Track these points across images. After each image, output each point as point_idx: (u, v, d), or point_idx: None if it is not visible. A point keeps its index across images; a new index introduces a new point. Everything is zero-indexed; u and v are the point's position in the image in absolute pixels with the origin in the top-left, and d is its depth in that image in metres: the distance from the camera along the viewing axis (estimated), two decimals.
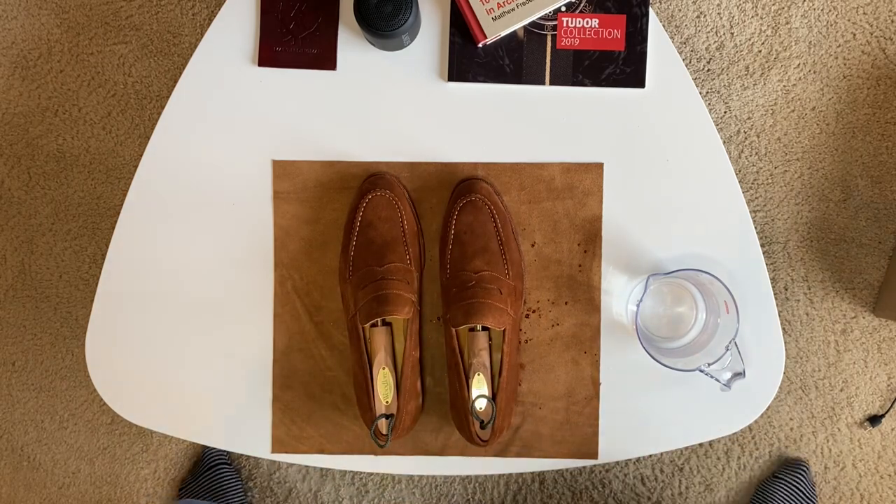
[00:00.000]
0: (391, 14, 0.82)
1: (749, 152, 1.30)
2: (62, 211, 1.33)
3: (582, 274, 0.91)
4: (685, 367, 0.84)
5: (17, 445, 1.36)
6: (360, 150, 0.91)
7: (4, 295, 1.34)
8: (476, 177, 0.90)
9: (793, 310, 1.31)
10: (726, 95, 1.30)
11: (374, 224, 0.87)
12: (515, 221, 0.91)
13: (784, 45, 1.29)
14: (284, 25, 0.90)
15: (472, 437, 0.85)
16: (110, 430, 1.35)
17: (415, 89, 0.91)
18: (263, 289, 0.92)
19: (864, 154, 1.30)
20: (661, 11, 1.30)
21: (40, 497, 1.36)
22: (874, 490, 1.32)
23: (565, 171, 0.91)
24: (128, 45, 1.31)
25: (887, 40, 1.29)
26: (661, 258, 0.91)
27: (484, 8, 0.88)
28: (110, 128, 1.32)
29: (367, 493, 1.32)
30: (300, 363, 0.92)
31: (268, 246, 0.92)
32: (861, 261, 1.31)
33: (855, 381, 1.31)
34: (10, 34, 1.32)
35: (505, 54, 0.90)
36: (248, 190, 0.91)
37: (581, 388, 0.92)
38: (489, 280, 0.85)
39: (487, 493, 1.32)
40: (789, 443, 1.32)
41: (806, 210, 1.30)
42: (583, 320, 0.91)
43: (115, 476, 1.36)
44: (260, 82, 0.91)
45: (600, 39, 0.90)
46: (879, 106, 1.29)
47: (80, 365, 1.34)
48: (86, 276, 1.34)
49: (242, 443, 0.92)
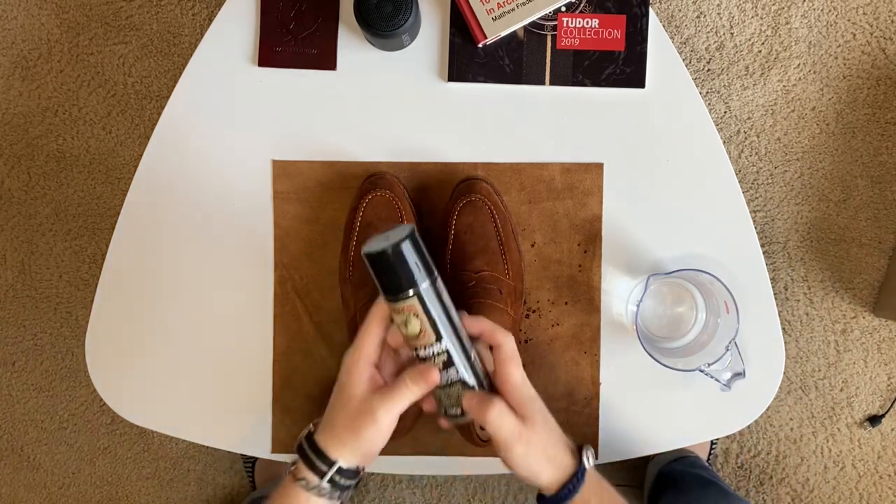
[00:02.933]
0: (391, 14, 0.82)
1: (749, 152, 1.30)
2: (62, 211, 1.33)
3: (582, 274, 0.91)
4: (685, 367, 0.84)
5: (17, 445, 1.36)
6: (360, 150, 0.91)
7: (4, 295, 1.34)
8: (476, 177, 0.90)
9: (793, 310, 1.31)
10: (726, 95, 1.30)
11: (375, 224, 0.87)
12: (515, 221, 0.91)
13: (784, 45, 1.29)
14: (284, 25, 0.90)
15: (472, 437, 0.85)
16: (110, 430, 1.35)
17: (415, 89, 0.91)
18: (263, 289, 0.92)
19: (864, 154, 1.30)
20: (661, 11, 1.30)
21: (40, 497, 1.36)
22: (874, 490, 1.32)
23: (565, 171, 0.91)
24: (128, 45, 1.31)
25: (887, 40, 1.29)
26: (661, 258, 0.91)
27: (484, 8, 0.88)
28: (110, 128, 1.32)
29: (367, 493, 1.32)
30: (300, 363, 0.92)
31: (268, 246, 0.92)
32: (861, 261, 1.31)
33: (855, 381, 1.31)
34: (10, 34, 1.32)
35: (505, 54, 0.90)
36: (248, 190, 0.91)
37: (581, 388, 0.92)
38: (489, 280, 0.85)
39: (487, 493, 1.32)
40: (789, 443, 1.32)
41: (806, 210, 1.30)
42: (583, 320, 0.91)
43: (115, 476, 1.36)
44: (260, 82, 0.91)
45: (600, 39, 0.90)
46: (879, 106, 1.29)
47: (80, 365, 1.34)
48: (86, 276, 1.34)
49: (242, 443, 0.92)
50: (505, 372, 0.69)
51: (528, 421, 0.68)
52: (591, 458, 0.72)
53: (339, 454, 0.67)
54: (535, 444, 0.68)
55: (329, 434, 0.68)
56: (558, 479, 0.70)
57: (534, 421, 0.69)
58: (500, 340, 0.69)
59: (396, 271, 0.64)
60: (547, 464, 0.70)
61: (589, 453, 0.72)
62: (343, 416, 0.67)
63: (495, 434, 0.68)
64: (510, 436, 0.67)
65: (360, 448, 0.67)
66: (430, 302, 0.66)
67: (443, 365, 0.67)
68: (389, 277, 0.64)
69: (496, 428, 0.67)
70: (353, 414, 0.67)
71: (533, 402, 0.70)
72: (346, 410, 0.67)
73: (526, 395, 0.69)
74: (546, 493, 0.71)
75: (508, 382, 0.69)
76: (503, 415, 0.67)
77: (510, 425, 0.67)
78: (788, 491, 1.32)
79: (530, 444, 0.68)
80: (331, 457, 0.67)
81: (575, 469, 0.70)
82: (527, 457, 0.69)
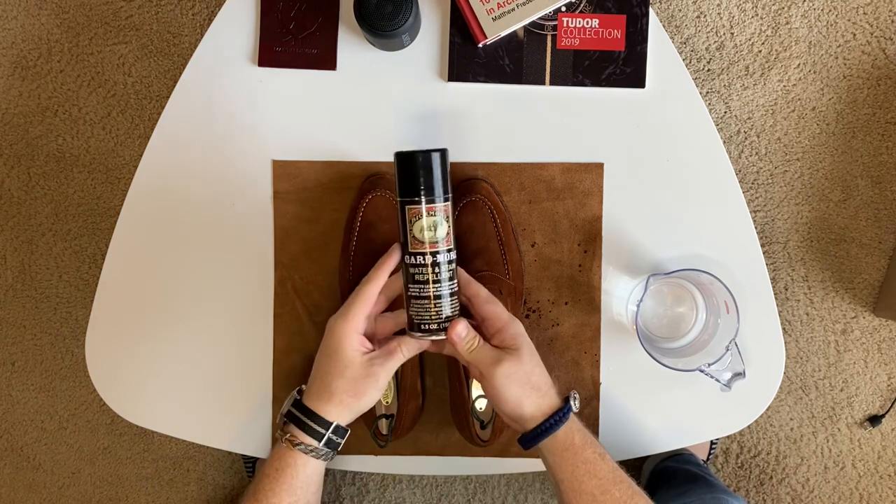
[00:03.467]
0: (391, 14, 0.82)
1: (749, 152, 1.30)
2: (62, 211, 1.33)
3: (582, 274, 0.91)
4: (685, 367, 0.84)
5: (18, 446, 1.36)
6: (360, 150, 0.91)
7: (4, 295, 1.34)
8: (476, 177, 0.90)
9: (793, 310, 1.31)
10: (726, 95, 1.30)
11: (375, 224, 0.87)
12: (515, 221, 0.91)
13: (784, 45, 1.29)
14: (284, 25, 0.90)
15: (472, 437, 0.85)
16: (110, 430, 1.35)
17: (415, 89, 0.91)
18: (263, 289, 0.92)
19: (865, 154, 1.30)
20: (661, 11, 1.30)
21: (41, 497, 1.36)
22: (874, 490, 1.32)
23: (565, 171, 0.91)
24: (128, 45, 1.31)
25: (887, 40, 1.29)
26: (661, 258, 0.91)
27: (484, 8, 0.88)
28: (110, 128, 1.32)
29: (367, 492, 1.32)
30: (300, 363, 0.92)
31: (268, 246, 0.91)
32: (861, 261, 1.31)
33: (855, 381, 1.31)
34: (10, 34, 1.32)
35: (505, 54, 0.90)
36: (248, 190, 0.91)
37: (581, 388, 0.92)
38: (489, 280, 0.85)
39: (488, 493, 1.32)
40: (789, 443, 1.32)
41: (806, 210, 1.30)
42: (583, 320, 0.91)
43: (115, 476, 1.36)
44: (260, 82, 0.91)
45: (600, 39, 0.90)
46: (879, 106, 1.29)
47: (80, 365, 1.34)
48: (86, 276, 1.34)
49: (242, 443, 0.92)
50: (485, 309, 0.74)
51: (510, 350, 0.72)
52: (578, 402, 0.75)
53: (338, 415, 0.73)
54: (518, 371, 0.72)
55: (326, 398, 0.73)
56: (543, 410, 0.72)
57: (519, 351, 0.72)
58: (475, 290, 0.76)
59: (445, 171, 0.72)
60: (532, 391, 0.72)
61: (575, 396, 0.74)
62: (343, 381, 0.72)
63: (473, 359, 0.72)
64: (489, 359, 0.72)
65: (360, 407, 0.74)
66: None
67: (450, 275, 0.73)
68: (441, 175, 0.72)
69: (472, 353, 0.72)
70: (355, 377, 0.72)
71: (518, 337, 0.73)
72: (346, 375, 0.72)
73: (510, 328, 0.74)
74: (529, 426, 0.72)
75: (490, 315, 0.74)
76: (478, 340, 0.73)
77: (487, 350, 0.73)
78: (788, 491, 1.32)
79: (512, 370, 0.71)
80: (328, 419, 0.73)
81: (561, 405, 0.73)
82: (509, 382, 0.71)
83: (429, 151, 0.71)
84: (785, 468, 1.32)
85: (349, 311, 0.73)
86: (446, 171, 0.72)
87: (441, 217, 0.72)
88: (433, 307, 0.73)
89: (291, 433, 0.73)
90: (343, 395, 0.73)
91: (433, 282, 0.73)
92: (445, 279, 0.73)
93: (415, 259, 0.72)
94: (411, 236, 0.72)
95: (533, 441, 0.73)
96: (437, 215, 0.72)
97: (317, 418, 0.73)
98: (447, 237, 0.73)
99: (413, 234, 0.72)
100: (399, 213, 0.73)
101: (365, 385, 0.73)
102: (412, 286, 0.73)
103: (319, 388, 0.73)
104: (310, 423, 0.73)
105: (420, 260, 0.72)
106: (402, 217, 0.73)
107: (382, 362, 0.73)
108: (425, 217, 0.72)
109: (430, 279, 0.73)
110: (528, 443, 0.73)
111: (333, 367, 0.73)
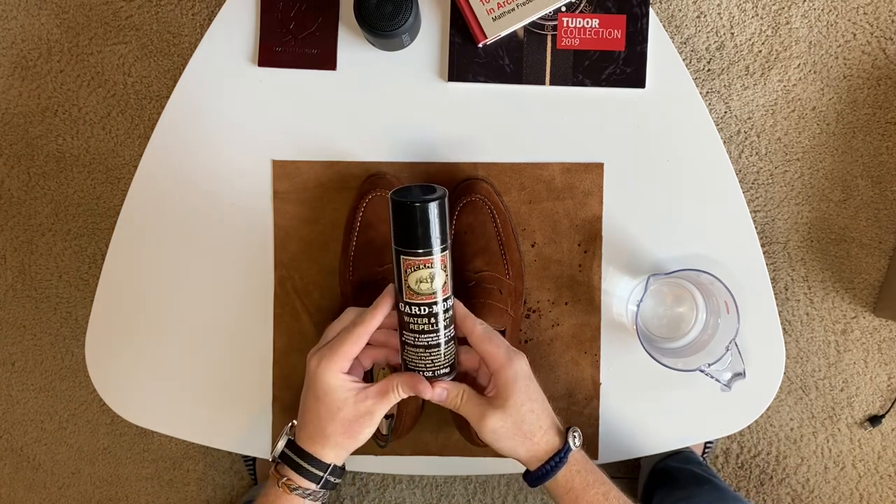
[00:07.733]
0: (391, 14, 0.82)
1: (749, 152, 1.30)
2: (62, 211, 1.33)
3: (582, 274, 0.91)
4: (685, 368, 0.84)
5: (18, 446, 1.36)
6: (360, 150, 0.91)
7: (4, 295, 1.34)
8: (476, 177, 0.90)
9: (793, 310, 1.31)
10: (726, 95, 1.30)
11: (375, 224, 0.87)
12: (515, 221, 0.91)
13: (784, 45, 1.29)
14: (284, 25, 0.90)
15: (473, 438, 0.85)
16: (110, 430, 1.35)
17: (415, 89, 0.91)
18: (263, 289, 0.92)
19: (865, 154, 1.30)
20: (661, 11, 1.30)
21: (41, 497, 1.36)
22: (874, 490, 1.32)
23: (565, 171, 0.91)
24: (128, 45, 1.31)
25: (887, 40, 1.29)
26: (661, 258, 0.91)
27: (484, 8, 0.88)
28: (110, 128, 1.32)
29: (367, 493, 1.32)
30: (300, 363, 0.92)
31: (268, 246, 0.91)
32: (861, 261, 1.31)
33: (855, 381, 1.31)
34: (10, 34, 1.32)
35: (505, 54, 0.90)
36: (248, 190, 0.91)
37: (581, 388, 0.92)
38: (489, 280, 0.85)
39: (488, 493, 1.32)
40: (789, 443, 1.32)
41: (806, 210, 1.30)
42: (583, 320, 0.91)
43: (115, 476, 1.36)
44: (260, 82, 0.91)
45: (600, 39, 0.90)
46: (880, 106, 1.29)
47: (80, 365, 1.34)
48: (86, 276, 1.34)
49: (242, 443, 0.92)
50: (481, 349, 0.71)
51: (498, 402, 0.70)
52: (578, 440, 0.73)
53: (335, 457, 0.71)
54: (506, 425, 0.70)
55: (321, 442, 0.71)
56: (538, 456, 0.71)
57: (508, 401, 0.70)
58: (471, 328, 0.71)
59: (444, 219, 0.67)
60: (523, 440, 0.71)
61: (575, 434, 0.73)
62: (338, 424, 0.70)
63: (462, 413, 0.71)
64: (475, 415, 0.71)
65: (355, 445, 0.71)
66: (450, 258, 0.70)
67: (446, 323, 0.70)
68: (438, 225, 0.67)
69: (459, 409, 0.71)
70: (349, 419, 0.70)
71: (510, 384, 0.71)
72: (338, 418, 0.70)
73: (505, 371, 0.71)
74: (528, 468, 0.73)
75: (486, 355, 0.71)
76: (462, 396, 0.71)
77: (473, 404, 0.71)
78: (788, 491, 1.32)
79: (499, 425, 0.70)
80: (325, 461, 0.71)
81: (559, 448, 0.71)
82: (496, 437, 0.71)
83: (426, 201, 0.66)
84: (785, 468, 1.32)
85: (336, 353, 0.69)
86: (444, 219, 0.67)
87: (438, 268, 0.68)
88: (428, 356, 0.70)
89: (288, 476, 0.71)
90: (338, 438, 0.70)
91: (429, 332, 0.69)
92: (441, 328, 0.69)
93: (410, 309, 0.69)
94: (406, 286, 0.68)
95: (533, 484, 0.72)
96: (434, 267, 0.67)
97: (313, 460, 0.70)
98: (444, 286, 0.68)
99: (409, 285, 0.68)
100: (394, 259, 0.68)
101: (360, 425, 0.70)
102: (407, 333, 0.70)
103: (312, 431, 0.71)
104: (306, 466, 0.70)
105: (415, 311, 0.69)
106: (397, 265, 0.68)
107: (376, 402, 0.70)
108: (422, 270, 0.67)
109: (425, 329, 0.69)
110: (530, 484, 0.73)
111: (325, 412, 0.70)
